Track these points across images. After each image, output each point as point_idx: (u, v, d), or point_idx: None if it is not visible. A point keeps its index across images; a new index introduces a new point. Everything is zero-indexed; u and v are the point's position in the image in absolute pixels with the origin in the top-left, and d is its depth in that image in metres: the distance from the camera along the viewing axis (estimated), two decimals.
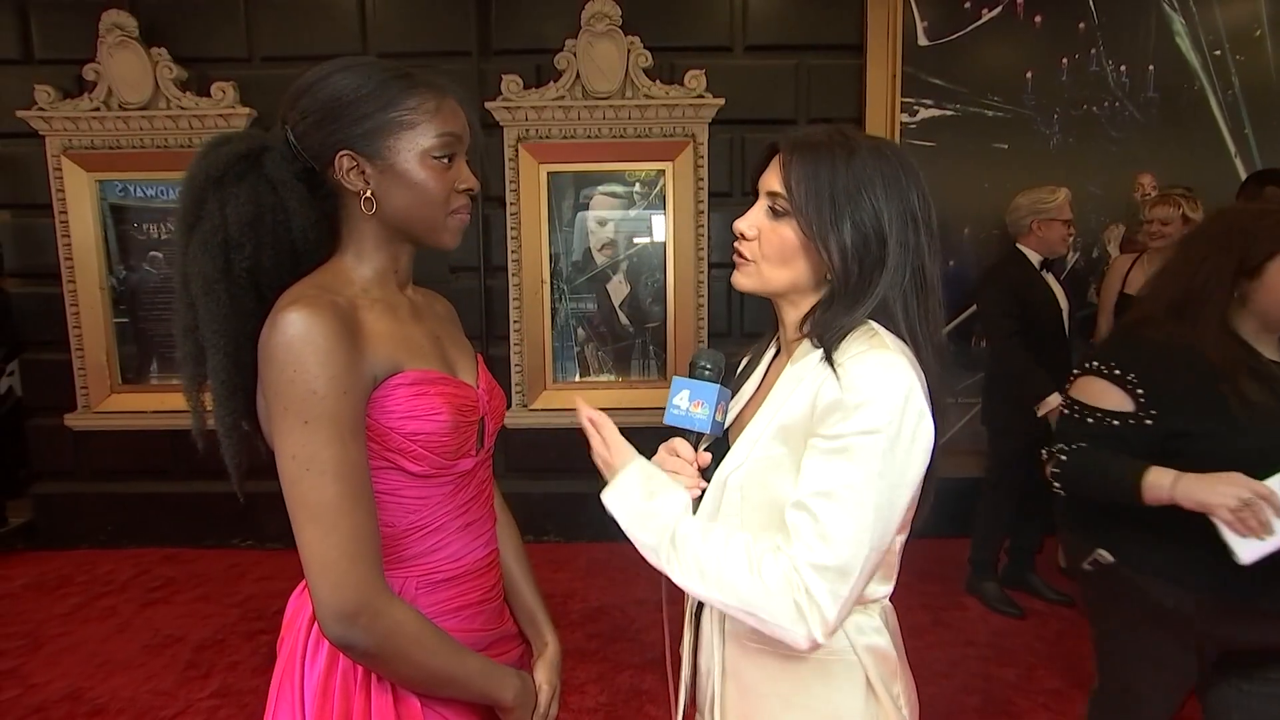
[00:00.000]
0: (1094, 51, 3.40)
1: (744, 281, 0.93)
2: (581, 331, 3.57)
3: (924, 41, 3.40)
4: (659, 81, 3.34)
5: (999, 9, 3.38)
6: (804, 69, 3.42)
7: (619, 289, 3.55)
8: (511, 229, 3.45)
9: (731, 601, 0.80)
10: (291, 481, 0.75)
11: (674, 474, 0.91)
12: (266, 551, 3.60)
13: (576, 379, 3.57)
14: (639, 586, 3.05)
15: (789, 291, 0.91)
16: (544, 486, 3.46)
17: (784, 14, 3.41)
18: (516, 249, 3.46)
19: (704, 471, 0.93)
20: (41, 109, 3.34)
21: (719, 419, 0.92)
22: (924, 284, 0.87)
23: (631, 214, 3.49)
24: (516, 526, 1.10)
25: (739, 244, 0.93)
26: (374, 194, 0.84)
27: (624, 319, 3.57)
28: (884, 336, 0.84)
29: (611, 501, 0.88)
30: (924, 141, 3.42)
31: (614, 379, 3.58)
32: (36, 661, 2.63)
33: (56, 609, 3.00)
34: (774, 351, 1.02)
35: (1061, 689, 2.37)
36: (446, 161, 0.85)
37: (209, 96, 3.36)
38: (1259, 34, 3.38)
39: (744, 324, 3.56)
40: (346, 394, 0.76)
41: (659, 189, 3.45)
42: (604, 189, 3.47)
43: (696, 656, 1.01)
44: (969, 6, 3.39)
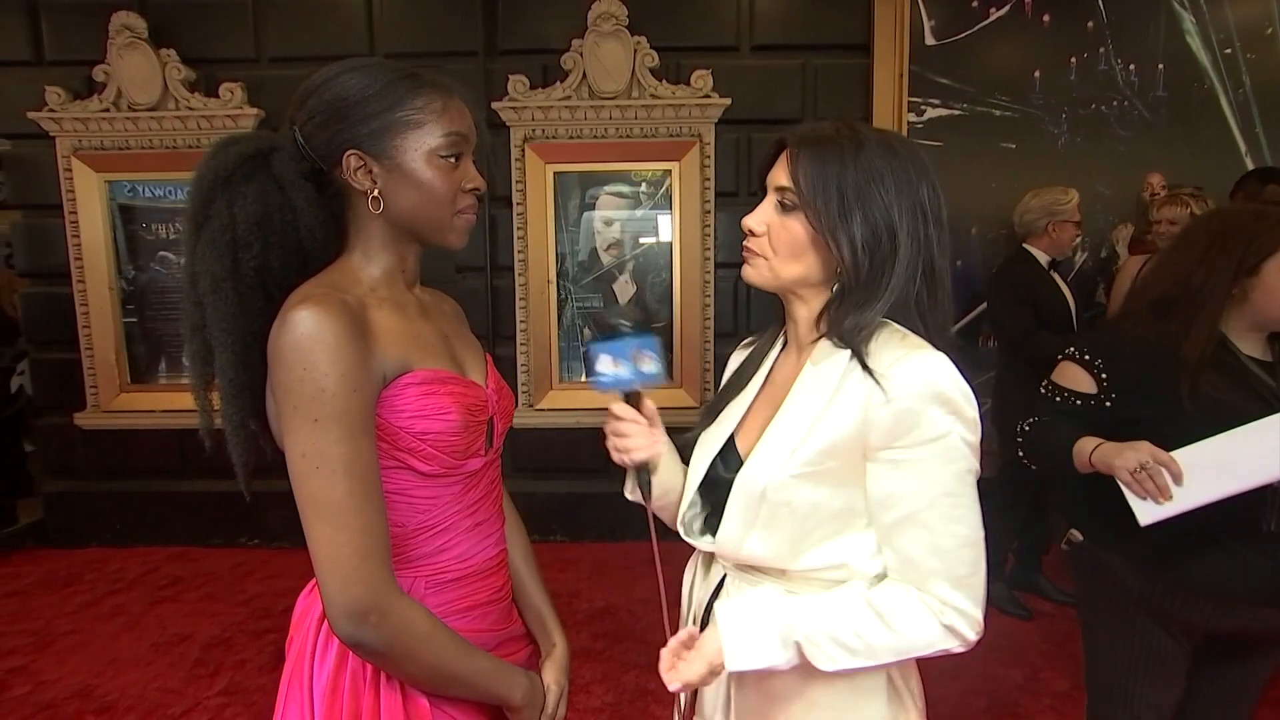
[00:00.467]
0: (1103, 50, 3.38)
1: (753, 276, 0.93)
2: (588, 331, 3.57)
3: (931, 41, 3.39)
4: (665, 81, 3.34)
5: (1007, 8, 3.37)
6: (810, 69, 3.42)
7: (625, 289, 3.55)
8: (518, 229, 3.45)
9: (887, 659, 0.82)
10: (301, 479, 0.75)
11: (627, 437, 0.92)
12: (273, 550, 3.62)
13: (582, 379, 3.56)
14: (644, 586, 3.05)
15: (799, 286, 0.91)
16: (550, 486, 3.47)
17: (790, 13, 3.40)
18: (523, 249, 3.46)
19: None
20: (52, 110, 3.36)
21: (648, 369, 0.90)
22: (934, 278, 0.87)
23: (638, 214, 3.49)
24: (524, 527, 1.10)
25: (749, 240, 0.92)
26: (381, 193, 0.84)
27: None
28: (911, 336, 0.84)
29: (741, 664, 0.83)
30: (931, 141, 3.41)
31: None
32: (46, 659, 2.65)
33: (65, 607, 3.02)
34: (778, 347, 1.01)
35: (1069, 691, 2.35)
36: (453, 161, 0.86)
37: (217, 97, 3.37)
38: (1270, 32, 3.35)
39: (750, 323, 3.56)
40: (356, 392, 0.76)
41: (665, 189, 3.45)
42: (610, 189, 3.47)
43: None
44: (976, 5, 3.38)
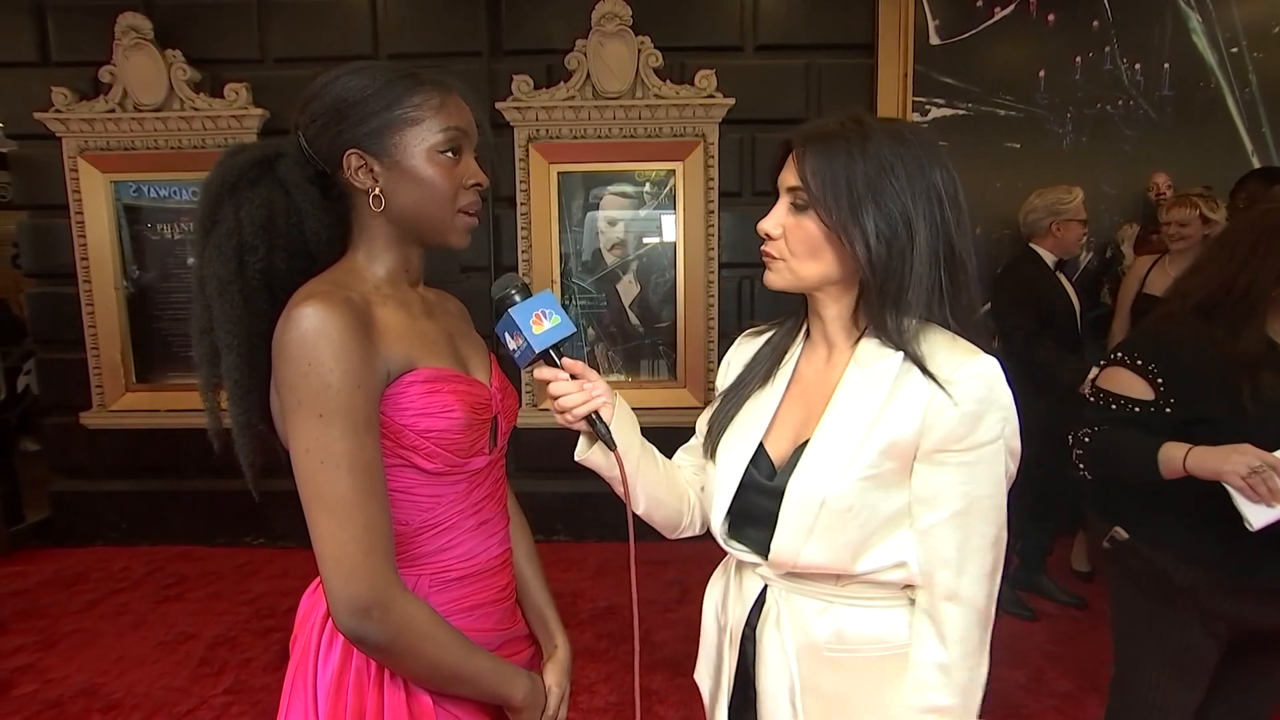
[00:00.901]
0: (1108, 50, 3.37)
1: (776, 280, 0.92)
2: (591, 331, 3.57)
3: (935, 40, 3.39)
4: (669, 81, 3.34)
5: (1011, 7, 3.36)
6: (815, 68, 3.41)
7: (629, 289, 3.55)
8: (522, 229, 3.45)
9: (977, 661, 0.87)
10: (306, 475, 0.75)
11: (558, 398, 0.89)
12: (278, 550, 3.63)
13: None
14: (648, 587, 3.05)
15: (823, 284, 0.90)
16: (553, 486, 3.47)
17: (794, 13, 3.40)
18: (527, 249, 3.47)
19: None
20: (58, 111, 3.38)
21: (546, 328, 0.87)
22: (955, 261, 0.86)
23: (641, 214, 3.49)
24: (529, 527, 1.10)
25: (766, 244, 0.91)
26: (382, 191, 0.85)
27: (634, 319, 3.57)
28: (959, 339, 0.85)
29: None
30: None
31: (624, 379, 3.58)
32: (53, 657, 2.66)
33: (71, 605, 3.03)
34: (799, 342, 0.99)
35: (1073, 692, 2.35)
36: (453, 156, 0.86)
37: (222, 98, 3.39)
38: (1277, 31, 3.34)
39: (754, 323, 3.54)
40: (360, 388, 0.76)
41: (669, 189, 3.45)
42: (614, 189, 3.47)
43: (750, 678, 0.96)
44: (981, 5, 3.37)
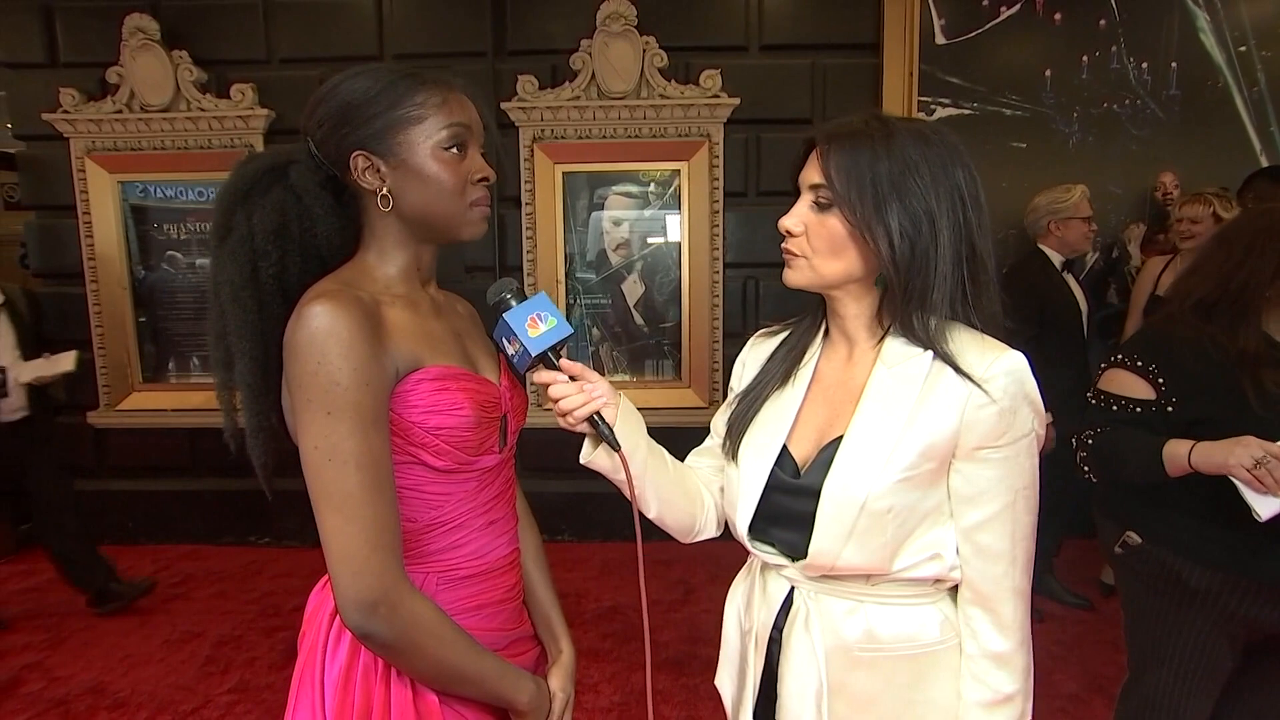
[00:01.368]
0: (1115, 49, 3.36)
1: (796, 278, 0.92)
2: (596, 331, 3.57)
3: (941, 40, 3.38)
4: (674, 81, 3.34)
5: (1017, 6, 3.35)
6: (820, 68, 3.41)
7: (634, 289, 3.55)
8: (527, 229, 3.46)
9: (1030, 647, 0.89)
10: (314, 472, 0.76)
11: (558, 400, 0.88)
12: (283, 549, 3.64)
13: None
14: (653, 587, 3.05)
15: (844, 283, 0.90)
16: (558, 486, 3.48)
17: (799, 13, 3.39)
18: (532, 249, 3.47)
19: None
20: (66, 112, 3.39)
21: (542, 329, 0.87)
22: (976, 262, 0.87)
23: (646, 214, 3.49)
24: (538, 529, 1.10)
25: (787, 242, 0.91)
26: (390, 191, 0.85)
27: (639, 319, 3.57)
28: (988, 338, 0.86)
29: None
30: None
31: (629, 379, 3.58)
32: (60, 655, 2.68)
33: (78, 603, 3.04)
34: (818, 342, 0.98)
35: (1079, 693, 2.34)
36: (458, 152, 0.86)
37: (228, 98, 3.40)
38: None
39: (759, 324, 3.53)
40: (369, 385, 0.77)
41: (674, 189, 3.45)
42: (619, 189, 3.47)
43: (775, 679, 0.95)
44: (987, 4, 3.36)
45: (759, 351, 1.05)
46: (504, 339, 0.88)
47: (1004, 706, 0.87)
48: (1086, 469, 1.46)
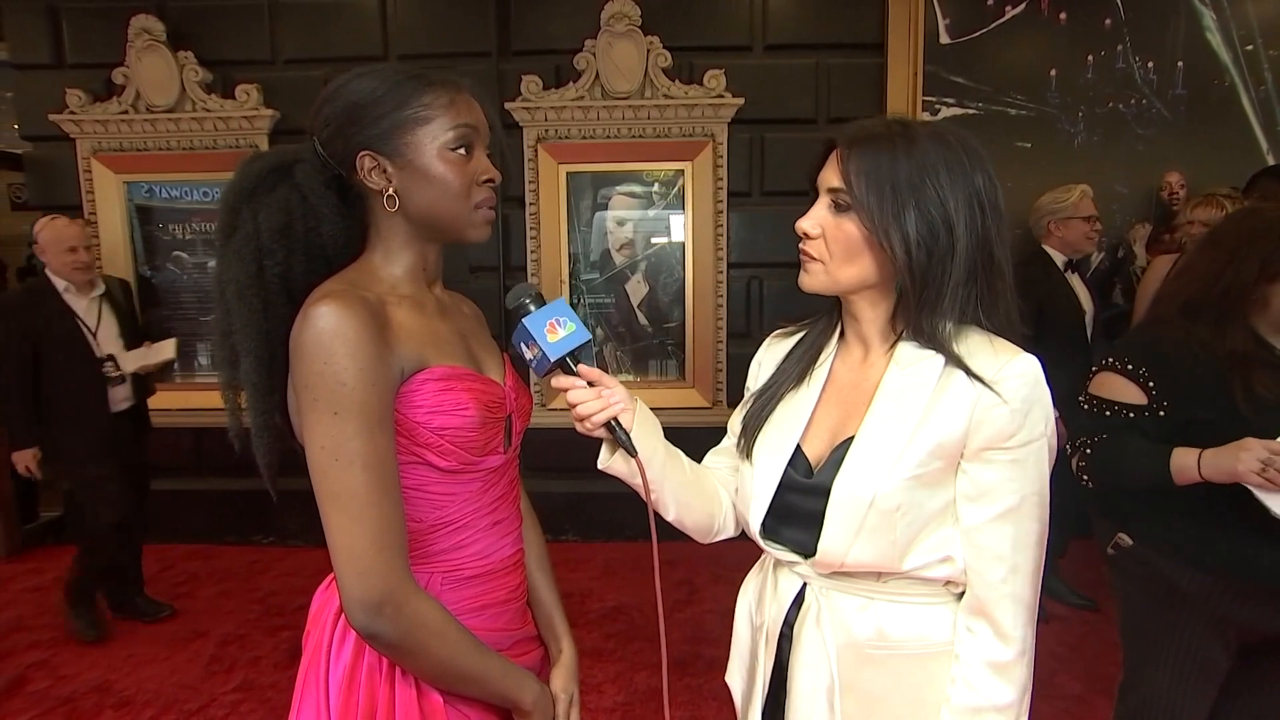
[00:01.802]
0: (1120, 48, 3.35)
1: (811, 283, 0.91)
2: (600, 331, 3.58)
3: (946, 39, 3.37)
4: (678, 81, 3.34)
5: (1023, 6, 3.35)
6: (824, 68, 3.40)
7: (638, 289, 3.55)
8: (531, 229, 3.46)
9: (1031, 657, 0.87)
10: (320, 472, 0.76)
11: (576, 405, 0.88)
12: (287, 548, 3.64)
13: None
14: (654, 585, 3.04)
15: (859, 288, 0.90)
16: (562, 486, 3.48)
17: (804, 13, 3.39)
18: (535, 249, 3.47)
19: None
20: (72, 112, 3.41)
21: (561, 335, 0.88)
22: (993, 269, 0.86)
23: (650, 214, 3.49)
24: (540, 529, 1.10)
25: (804, 244, 0.90)
26: (396, 191, 0.85)
27: (643, 319, 3.57)
28: (997, 338, 0.86)
29: None
30: None
31: (633, 379, 3.58)
32: (66, 654, 2.69)
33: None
34: (833, 344, 0.98)
35: (1083, 694, 2.33)
36: (464, 153, 0.86)
37: (233, 99, 3.41)
38: None
39: (763, 323, 3.55)
40: (374, 385, 0.77)
41: (678, 189, 3.45)
42: (623, 189, 3.47)
43: (784, 678, 0.95)
44: (992, 3, 3.36)
45: (775, 351, 1.05)
46: (523, 343, 0.88)
47: (993, 717, 0.84)
48: (1085, 477, 1.45)
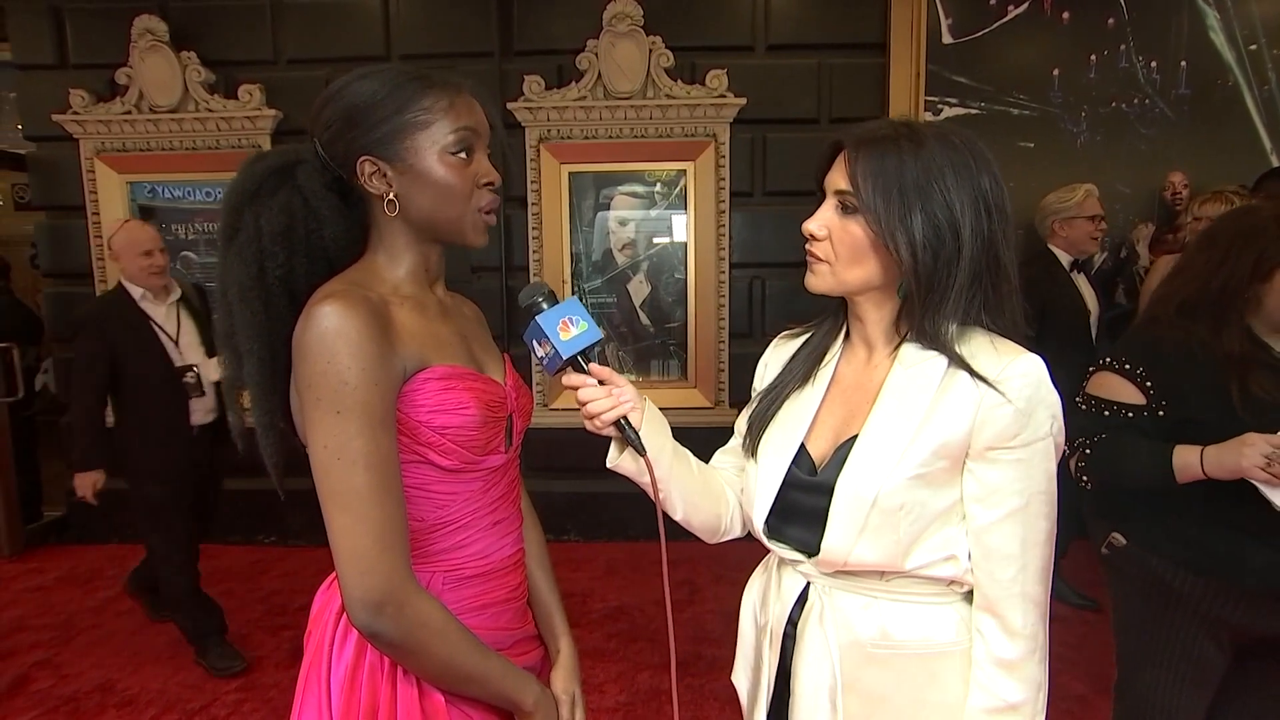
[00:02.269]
0: (1124, 48, 3.34)
1: (817, 283, 0.92)
2: (604, 330, 3.56)
3: (948, 39, 3.37)
4: (680, 81, 3.34)
5: (1025, 5, 3.34)
6: (826, 68, 3.40)
7: (640, 289, 3.55)
8: (533, 229, 3.46)
9: (1043, 656, 0.87)
10: (323, 471, 0.76)
11: (587, 404, 0.88)
12: (290, 548, 3.65)
13: None
14: (657, 586, 3.03)
15: (865, 289, 0.90)
16: (563, 486, 3.48)
17: (806, 13, 3.39)
18: (538, 249, 3.47)
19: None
20: (76, 113, 3.42)
21: (573, 334, 0.87)
22: (999, 272, 0.86)
23: (652, 214, 3.49)
24: (541, 528, 1.10)
25: (810, 245, 0.91)
26: (397, 196, 0.85)
27: (645, 319, 3.57)
28: (1000, 339, 0.86)
29: None
30: None
31: (635, 379, 3.58)
32: (69, 653, 2.69)
33: (87, 602, 3.07)
34: (838, 345, 0.99)
35: (1086, 695, 2.33)
36: (465, 156, 0.86)
37: (236, 99, 3.41)
38: None
39: (765, 323, 3.55)
40: (377, 385, 0.77)
41: (680, 189, 3.45)
42: (625, 189, 3.47)
43: (789, 675, 0.95)
44: (994, 3, 3.35)
45: (781, 352, 1.05)
46: (535, 341, 0.89)
47: (1008, 716, 0.85)
48: (1084, 478, 1.45)
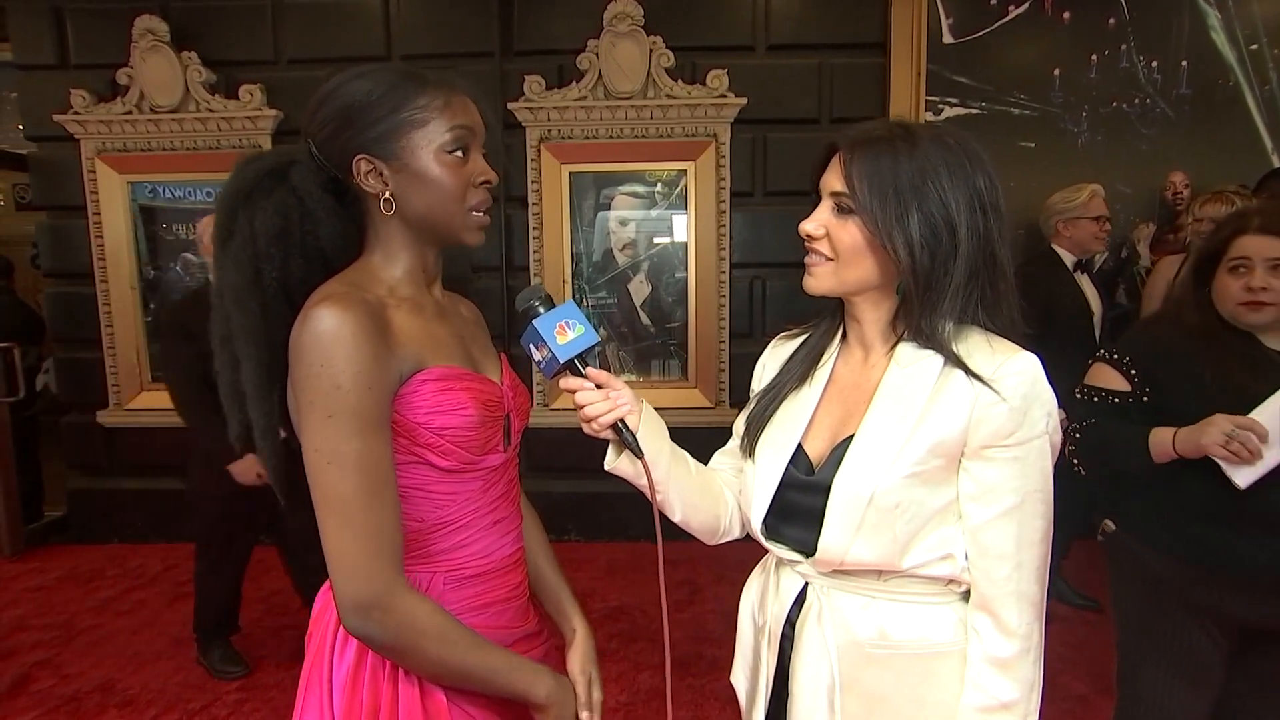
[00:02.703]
0: (1124, 47, 3.34)
1: (816, 285, 0.92)
2: (602, 331, 3.57)
3: (949, 39, 3.37)
4: (681, 81, 3.34)
5: (1026, 5, 3.34)
6: (827, 68, 3.40)
7: (640, 289, 3.55)
8: (533, 229, 3.46)
9: (1038, 655, 0.87)
10: (315, 474, 0.76)
11: (584, 407, 0.88)
12: None
13: None
14: (658, 586, 3.04)
15: (863, 290, 0.91)
16: (564, 486, 3.49)
17: (806, 13, 3.39)
18: (538, 249, 3.47)
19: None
20: (77, 113, 3.42)
21: (570, 337, 0.87)
22: (995, 269, 0.87)
23: (653, 214, 3.49)
24: (540, 521, 1.11)
25: (809, 245, 0.91)
26: (393, 194, 0.85)
27: (645, 319, 3.57)
28: (996, 338, 0.86)
29: None
30: None
31: (635, 379, 3.58)
32: (70, 652, 2.69)
33: (88, 602, 3.07)
34: (835, 345, 0.99)
35: (1087, 695, 2.33)
36: (460, 155, 0.86)
37: (237, 99, 3.41)
38: None
39: (766, 323, 3.55)
40: (371, 389, 0.77)
41: (680, 189, 3.45)
42: (625, 189, 3.47)
43: (788, 675, 0.95)
44: (995, 3, 3.35)
45: (779, 353, 1.06)
46: (532, 345, 0.89)
47: (1000, 715, 0.85)
48: (1075, 462, 1.51)
